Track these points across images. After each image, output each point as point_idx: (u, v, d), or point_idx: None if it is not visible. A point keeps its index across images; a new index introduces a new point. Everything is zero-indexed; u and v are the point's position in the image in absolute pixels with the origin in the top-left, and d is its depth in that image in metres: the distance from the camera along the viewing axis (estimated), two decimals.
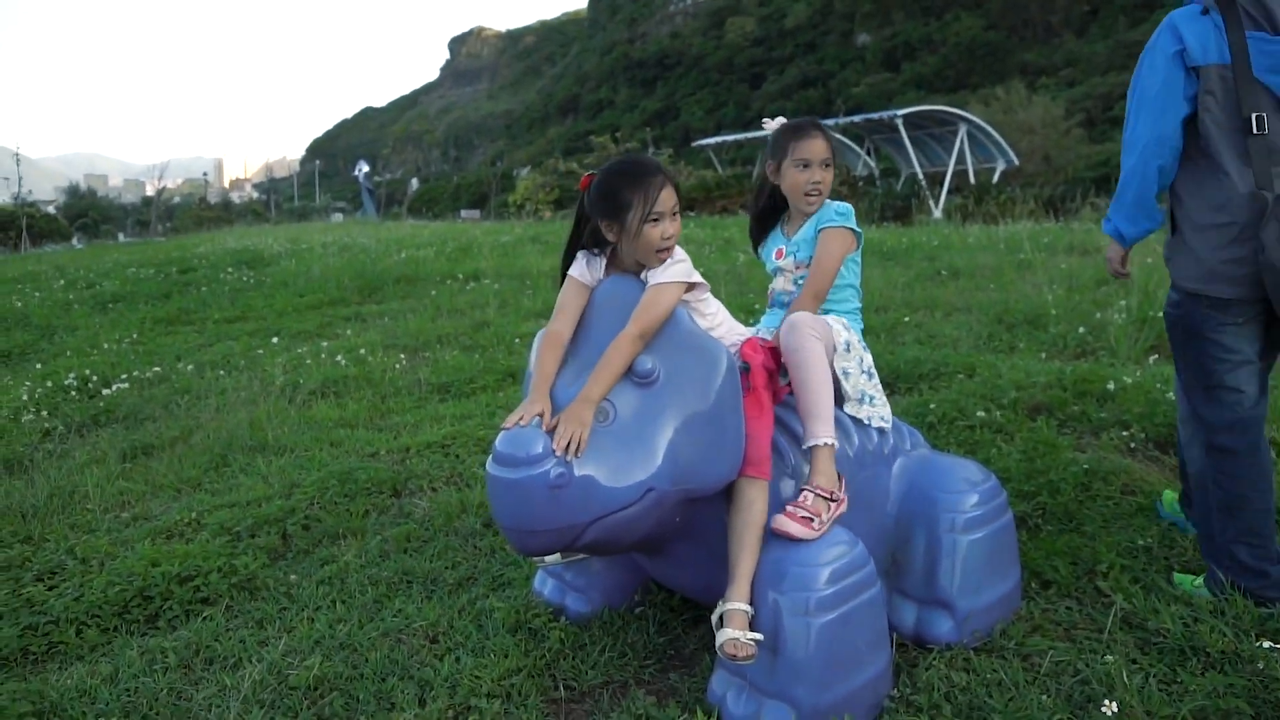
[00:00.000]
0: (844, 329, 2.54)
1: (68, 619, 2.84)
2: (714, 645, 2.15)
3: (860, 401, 2.53)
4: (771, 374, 2.37)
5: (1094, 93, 62.33)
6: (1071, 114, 40.45)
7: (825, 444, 2.26)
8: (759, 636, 2.08)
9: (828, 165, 2.62)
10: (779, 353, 2.43)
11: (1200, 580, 2.65)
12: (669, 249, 2.26)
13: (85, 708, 2.37)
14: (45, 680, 2.52)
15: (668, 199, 2.24)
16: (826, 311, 2.61)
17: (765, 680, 2.07)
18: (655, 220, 2.23)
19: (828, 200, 2.67)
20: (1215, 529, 2.58)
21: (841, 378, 2.48)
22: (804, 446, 2.29)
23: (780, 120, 2.78)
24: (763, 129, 2.80)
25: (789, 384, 2.41)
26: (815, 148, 2.60)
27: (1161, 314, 5.51)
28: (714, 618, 2.14)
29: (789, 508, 2.18)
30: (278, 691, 2.39)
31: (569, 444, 1.96)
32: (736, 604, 2.12)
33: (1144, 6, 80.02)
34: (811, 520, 2.15)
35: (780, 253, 2.73)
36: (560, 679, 2.40)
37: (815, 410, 2.29)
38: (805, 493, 2.21)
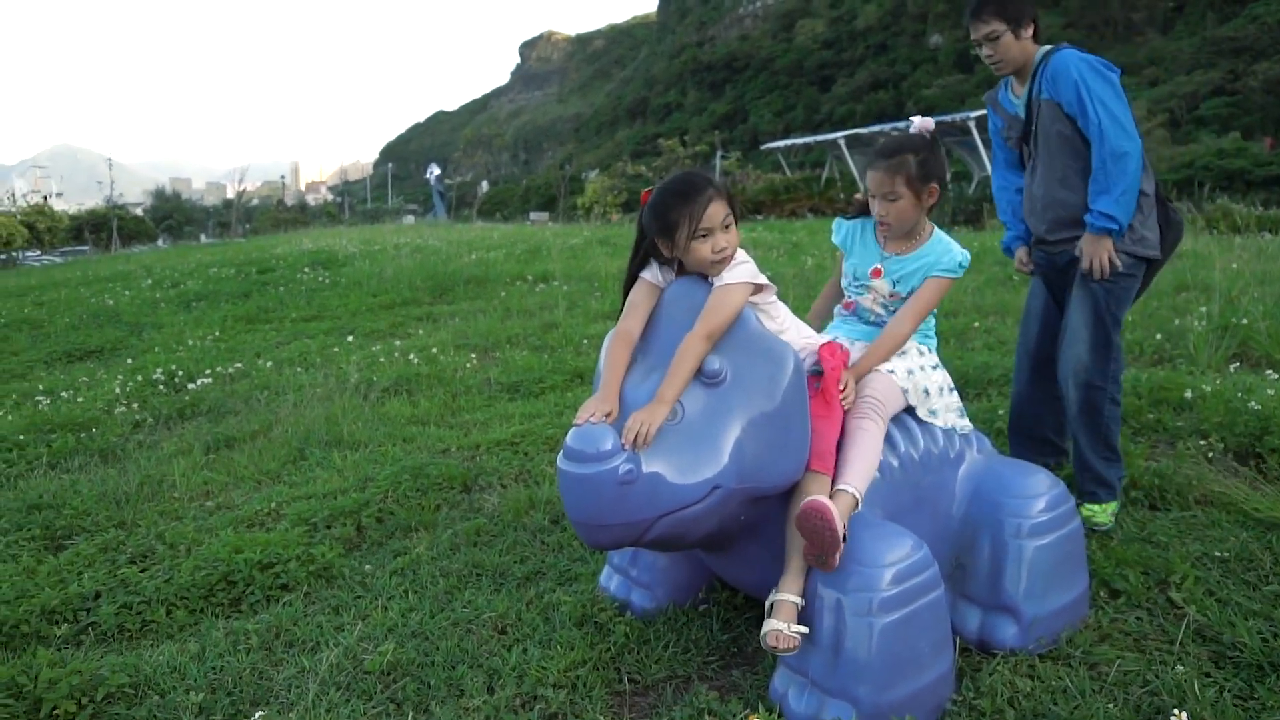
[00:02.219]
0: (919, 370, 2.57)
1: (159, 600, 3.00)
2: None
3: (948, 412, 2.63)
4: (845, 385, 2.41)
5: (1179, 92, 60.25)
6: (1154, 114, 39.20)
7: (851, 492, 2.22)
8: (804, 630, 2.12)
9: (892, 199, 2.58)
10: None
11: (1105, 507, 3.21)
12: (724, 260, 2.29)
13: (175, 682, 2.50)
14: (139, 655, 2.67)
15: (716, 213, 2.26)
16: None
17: (827, 679, 2.10)
18: (704, 236, 2.27)
19: (952, 242, 2.63)
20: (1114, 439, 3.27)
21: (930, 418, 2.57)
22: (833, 489, 2.24)
23: (918, 120, 2.72)
24: (915, 129, 2.73)
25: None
26: (876, 180, 2.59)
27: (1243, 321, 5.38)
28: (766, 606, 2.19)
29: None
30: (353, 675, 2.49)
31: (636, 436, 2.02)
32: (787, 595, 2.16)
33: (1235, 0, 77.23)
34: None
35: (878, 272, 2.68)
36: (625, 672, 2.45)
37: (853, 466, 2.28)
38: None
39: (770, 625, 2.13)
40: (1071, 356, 3.28)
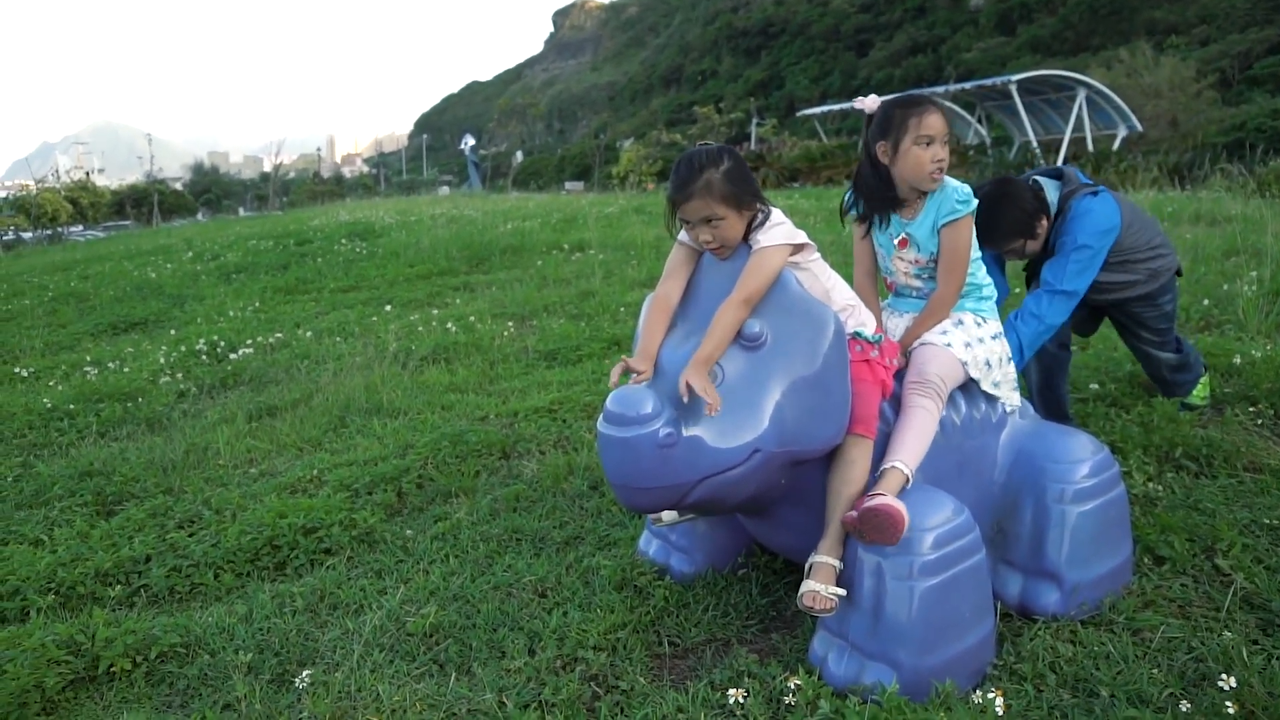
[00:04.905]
0: (978, 342, 2.52)
1: (207, 563, 3.07)
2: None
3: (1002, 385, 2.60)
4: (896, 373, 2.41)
5: (1230, 51, 58.32)
6: (1204, 75, 38.08)
7: (903, 470, 2.21)
8: (841, 592, 2.13)
9: (946, 142, 2.50)
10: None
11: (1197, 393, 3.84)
12: (714, 250, 2.31)
13: (225, 643, 2.56)
14: (190, 616, 2.74)
15: (695, 210, 2.23)
16: (960, 300, 2.61)
17: (867, 642, 2.10)
18: (688, 223, 2.28)
19: (947, 180, 2.55)
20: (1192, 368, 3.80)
21: (994, 390, 2.55)
22: (883, 466, 2.24)
23: (875, 98, 2.63)
24: (858, 107, 2.65)
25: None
26: (937, 123, 2.47)
27: None
28: (805, 568, 2.20)
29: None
30: (396, 636, 2.54)
31: (690, 393, 2.03)
32: (825, 558, 2.17)
33: None
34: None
35: (905, 241, 2.62)
36: (664, 635, 2.47)
37: (907, 444, 2.27)
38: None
39: (807, 586, 2.13)
40: (1156, 370, 3.78)
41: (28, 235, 30.92)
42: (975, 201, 2.54)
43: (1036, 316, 3.19)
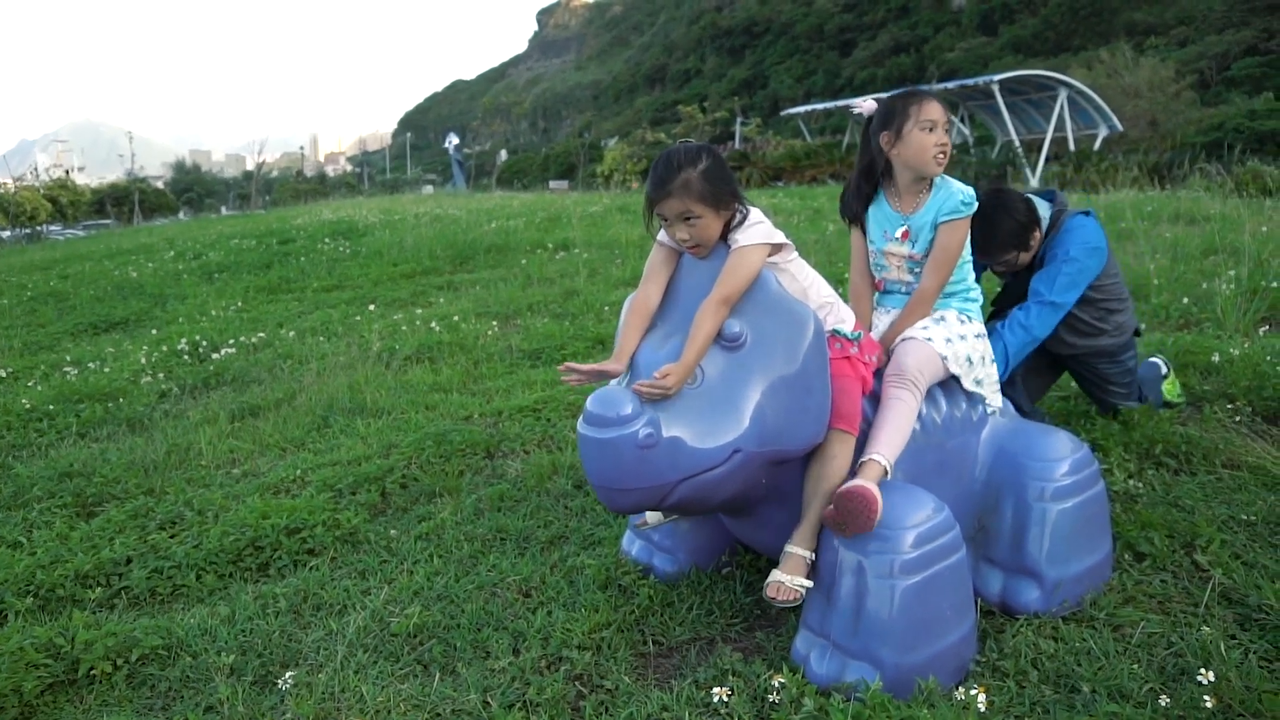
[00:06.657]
0: (959, 339, 2.54)
1: (189, 565, 3.05)
2: (798, 605, 2.20)
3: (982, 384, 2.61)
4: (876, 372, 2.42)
5: (1209, 52, 58.86)
6: (1182, 75, 38.45)
7: (881, 462, 2.23)
8: (807, 584, 2.16)
9: (948, 129, 2.56)
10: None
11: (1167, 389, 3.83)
12: (691, 250, 2.31)
13: (206, 644, 2.55)
14: (171, 618, 2.72)
15: (672, 208, 2.24)
16: (946, 299, 2.63)
17: (849, 641, 2.11)
18: (666, 221, 2.28)
19: (950, 181, 2.59)
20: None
21: (975, 388, 2.56)
22: (861, 458, 2.26)
23: (871, 100, 2.69)
24: (856, 110, 2.72)
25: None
26: (937, 110, 2.53)
27: (1273, 284, 5.33)
28: (780, 557, 2.22)
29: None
30: (380, 637, 2.53)
31: (651, 390, 2.04)
32: (797, 548, 2.19)
33: None
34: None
35: (907, 234, 2.63)
36: (649, 634, 2.47)
37: (885, 436, 2.29)
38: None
39: (774, 576, 2.16)
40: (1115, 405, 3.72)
41: (5, 234, 30.67)
42: (976, 204, 2.58)
43: (1025, 327, 3.23)
